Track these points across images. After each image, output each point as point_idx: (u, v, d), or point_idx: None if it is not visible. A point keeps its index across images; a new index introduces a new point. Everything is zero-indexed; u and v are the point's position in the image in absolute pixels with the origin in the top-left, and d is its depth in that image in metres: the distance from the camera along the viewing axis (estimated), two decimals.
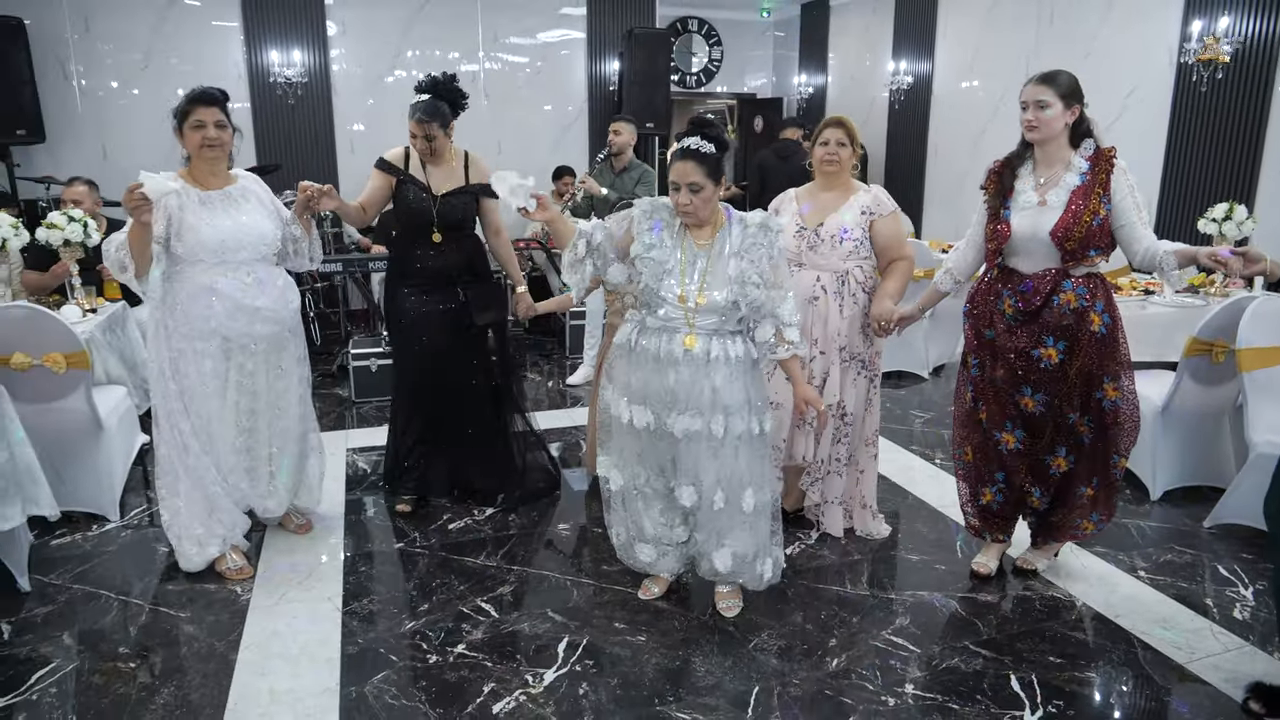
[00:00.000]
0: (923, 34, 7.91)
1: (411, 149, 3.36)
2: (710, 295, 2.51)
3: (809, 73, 9.93)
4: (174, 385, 2.94)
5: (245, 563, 3.13)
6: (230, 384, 3.00)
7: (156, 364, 2.95)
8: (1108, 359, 2.78)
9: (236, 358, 2.99)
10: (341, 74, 7.44)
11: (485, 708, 2.39)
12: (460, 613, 2.87)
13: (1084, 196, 2.70)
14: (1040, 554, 3.17)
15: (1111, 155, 2.72)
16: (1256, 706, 2.38)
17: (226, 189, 2.98)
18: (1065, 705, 2.42)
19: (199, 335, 2.91)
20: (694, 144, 2.48)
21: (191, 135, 2.89)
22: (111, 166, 6.62)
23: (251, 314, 2.95)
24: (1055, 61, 6.43)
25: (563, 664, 2.60)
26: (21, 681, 2.49)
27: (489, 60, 7.92)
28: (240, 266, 2.93)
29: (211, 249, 2.87)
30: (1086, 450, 2.89)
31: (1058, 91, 2.68)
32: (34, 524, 3.20)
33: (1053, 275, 2.77)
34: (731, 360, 2.55)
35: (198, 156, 2.92)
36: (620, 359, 2.70)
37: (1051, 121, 2.70)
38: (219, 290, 2.89)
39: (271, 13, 7.17)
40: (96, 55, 6.92)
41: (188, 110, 2.88)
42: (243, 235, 2.92)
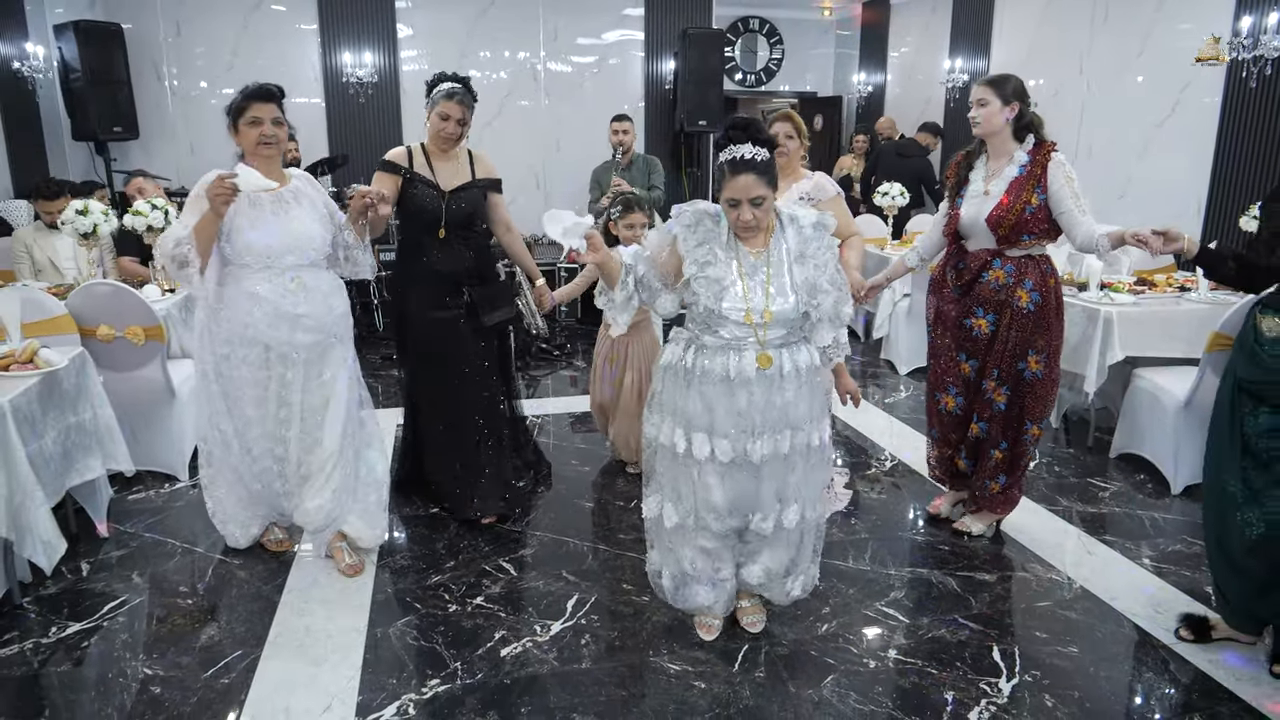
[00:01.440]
0: (979, 32, 7.88)
1: (415, 149, 3.30)
2: (778, 307, 2.30)
3: (869, 71, 9.95)
4: (217, 387, 2.93)
5: (286, 536, 3.22)
6: (270, 394, 2.93)
7: (201, 364, 2.96)
8: (1034, 333, 3.03)
9: (276, 367, 2.90)
10: (410, 74, 7.81)
11: (494, 651, 2.62)
12: (482, 570, 3.12)
13: (1020, 187, 2.98)
14: (976, 519, 3.39)
15: (1050, 150, 2.97)
16: (1186, 634, 2.67)
17: (280, 190, 2.88)
18: (1042, 675, 2.52)
19: (241, 341, 2.85)
20: (748, 153, 2.22)
21: (247, 132, 2.80)
22: (198, 162, 7.13)
23: (293, 322, 2.84)
24: (1109, 59, 6.42)
25: (569, 617, 2.81)
26: (95, 611, 2.83)
27: (550, 60, 8.20)
28: (284, 272, 2.83)
29: (257, 252, 2.79)
30: (1000, 416, 3.14)
31: (997, 91, 3.02)
32: (113, 480, 3.56)
33: (986, 255, 3.06)
34: (801, 372, 2.37)
35: (253, 154, 2.82)
36: (672, 383, 2.43)
37: (991, 117, 3.02)
38: (260, 296, 2.81)
39: (346, 16, 7.59)
40: (187, 57, 7.45)
41: (243, 106, 2.79)
42: (289, 240, 2.82)
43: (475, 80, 8.30)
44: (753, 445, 2.37)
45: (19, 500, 2.65)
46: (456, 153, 3.34)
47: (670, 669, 2.54)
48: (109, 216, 4.38)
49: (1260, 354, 2.39)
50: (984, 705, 2.39)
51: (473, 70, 7.97)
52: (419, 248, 3.32)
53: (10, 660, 2.56)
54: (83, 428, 3.13)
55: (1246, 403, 2.43)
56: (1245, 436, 2.43)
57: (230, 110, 2.83)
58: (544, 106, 8.22)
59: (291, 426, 2.96)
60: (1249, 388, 2.43)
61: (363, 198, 2.89)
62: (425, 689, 2.43)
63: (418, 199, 3.27)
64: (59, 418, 3.00)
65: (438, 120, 3.24)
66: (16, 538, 2.67)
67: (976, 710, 2.37)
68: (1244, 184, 5.35)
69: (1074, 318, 4.10)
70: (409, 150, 3.29)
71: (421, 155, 3.29)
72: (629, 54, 8.36)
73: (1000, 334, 3.08)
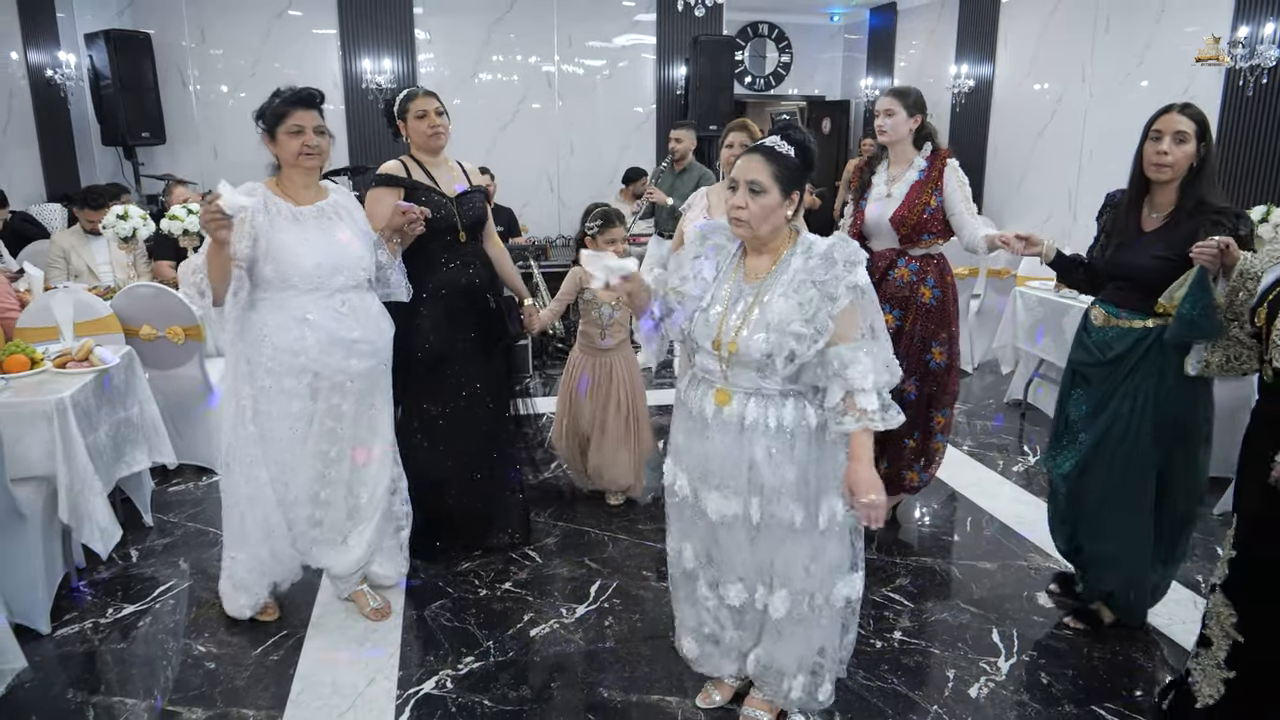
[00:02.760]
0: (985, 38, 8.03)
1: (406, 161, 3.11)
2: (744, 342, 1.98)
3: (875, 75, 10.10)
4: (254, 428, 2.60)
5: (271, 600, 2.87)
6: (314, 429, 2.64)
7: (234, 403, 2.61)
8: (937, 326, 3.27)
9: (327, 397, 2.63)
10: (427, 78, 8.00)
11: (523, 632, 2.80)
12: (508, 557, 3.29)
13: (919, 190, 3.22)
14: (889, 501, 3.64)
15: (945, 156, 3.24)
16: (1054, 587, 3.08)
17: (319, 204, 2.64)
18: (1038, 655, 2.69)
19: (288, 371, 2.56)
20: (769, 141, 2.01)
21: (288, 142, 2.54)
22: (222, 165, 7.33)
23: (347, 347, 2.61)
24: (1111, 66, 6.56)
25: (593, 601, 2.98)
26: (147, 594, 3.01)
27: (564, 64, 8.37)
28: (335, 294, 2.59)
29: (306, 273, 2.53)
30: (910, 405, 3.29)
31: (903, 103, 3.22)
32: (155, 473, 3.75)
33: (891, 254, 3.28)
34: (775, 430, 2.02)
35: (294, 165, 2.58)
36: (675, 409, 2.27)
37: (897, 126, 3.23)
38: (312, 320, 2.55)
39: (365, 22, 7.78)
40: (210, 62, 7.65)
41: (284, 113, 2.54)
42: (341, 258, 2.59)
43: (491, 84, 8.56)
44: (708, 496, 2.10)
45: (79, 489, 2.83)
46: (446, 159, 3.20)
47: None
48: (146, 221, 4.57)
49: (1086, 340, 2.71)
50: (983, 682, 2.56)
51: (487, 75, 8.17)
52: (430, 261, 3.07)
53: (72, 638, 2.74)
54: (131, 422, 3.32)
55: (1075, 381, 2.77)
56: (1066, 408, 2.80)
57: (266, 116, 2.56)
58: (557, 111, 8.40)
59: (342, 464, 2.71)
60: (1077, 368, 2.76)
61: (404, 214, 2.79)
62: (461, 665, 2.61)
63: (428, 208, 3.01)
64: (110, 412, 3.18)
65: (418, 122, 3.07)
66: (76, 525, 2.85)
67: (976, 686, 2.53)
68: (1241, 190, 5.50)
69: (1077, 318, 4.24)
70: (402, 163, 3.11)
71: (416, 165, 3.11)
72: (641, 59, 8.54)
73: (907, 329, 3.27)
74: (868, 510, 1.94)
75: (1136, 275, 2.54)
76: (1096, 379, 2.67)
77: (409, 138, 3.14)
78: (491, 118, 8.22)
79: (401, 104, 3.11)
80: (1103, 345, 2.63)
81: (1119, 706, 2.45)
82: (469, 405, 3.16)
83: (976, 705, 2.46)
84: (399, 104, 3.12)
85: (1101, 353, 2.63)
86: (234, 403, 2.61)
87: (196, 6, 7.50)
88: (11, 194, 5.73)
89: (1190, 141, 2.41)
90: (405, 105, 3.09)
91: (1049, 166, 7.39)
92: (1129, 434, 2.57)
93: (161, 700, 2.45)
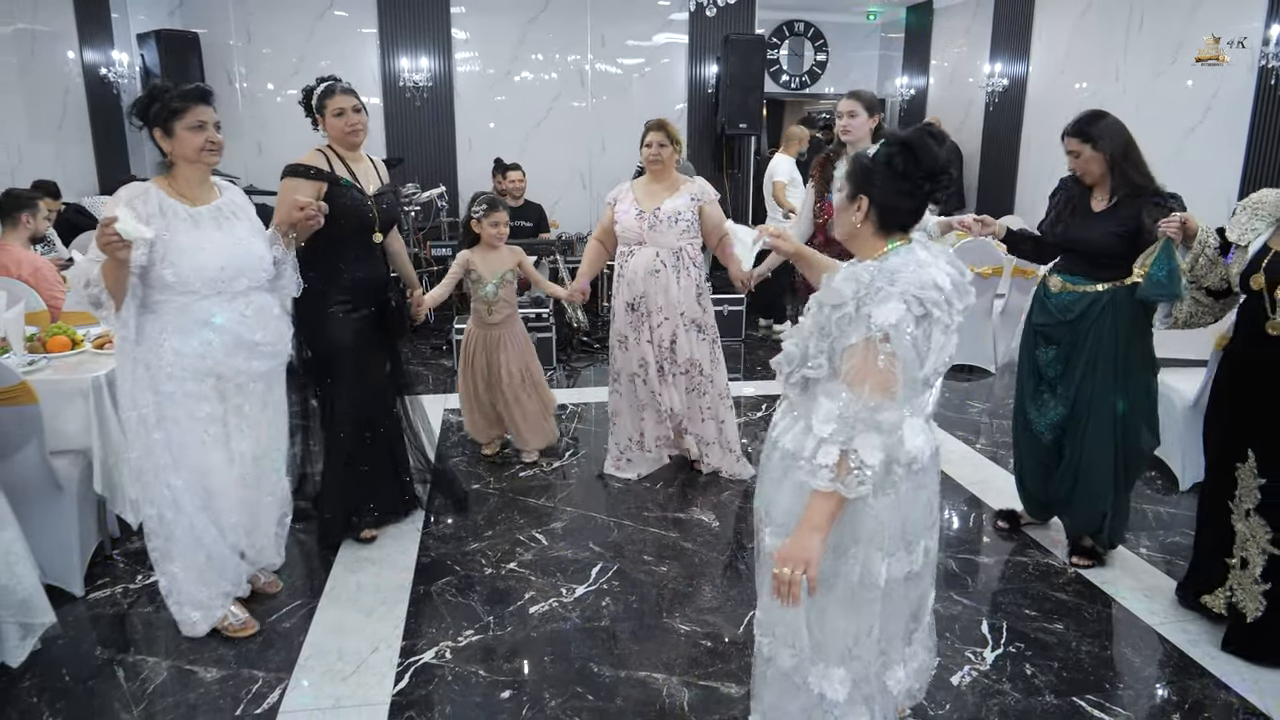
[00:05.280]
0: (1019, 37, 7.98)
1: (328, 155, 3.03)
2: (786, 345, 1.86)
3: (911, 74, 10.06)
4: (159, 435, 2.51)
5: (248, 615, 2.77)
6: (231, 429, 2.63)
7: (136, 412, 2.50)
8: None
9: (232, 398, 2.62)
10: (463, 76, 8.17)
11: (524, 609, 2.92)
12: (516, 539, 3.41)
13: None
14: None
15: None
16: (1003, 524, 3.52)
17: (215, 203, 2.56)
18: (1025, 647, 2.73)
19: (191, 375, 2.50)
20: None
21: (190, 138, 2.45)
22: (266, 161, 7.59)
23: (250, 349, 2.59)
24: (1143, 64, 6.50)
25: (593, 582, 3.09)
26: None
27: (599, 62, 8.49)
28: (238, 296, 2.55)
29: (210, 277, 2.47)
30: None
31: (864, 104, 3.48)
32: None
33: None
34: (778, 446, 1.84)
35: (195, 162, 2.50)
36: None
37: (860, 126, 3.48)
38: (216, 324, 2.50)
39: (404, 22, 7.98)
40: (256, 61, 7.92)
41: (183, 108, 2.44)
42: (243, 259, 2.53)
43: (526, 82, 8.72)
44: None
45: (112, 462, 3.01)
46: (362, 155, 3.15)
47: (680, 629, 2.80)
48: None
49: (1047, 304, 3.13)
50: (966, 670, 2.61)
51: (527, 73, 8.33)
52: (336, 257, 3.03)
53: (104, 601, 2.93)
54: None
55: (1039, 341, 3.17)
56: (1037, 364, 3.18)
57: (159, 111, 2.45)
58: (590, 109, 8.52)
59: (261, 462, 2.74)
60: (1039, 329, 3.17)
61: (301, 209, 2.69)
62: (461, 638, 2.74)
63: (348, 203, 3.00)
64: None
65: (336, 119, 3.02)
66: (109, 495, 3.04)
67: (959, 675, 2.59)
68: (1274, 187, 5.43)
69: None
70: (323, 154, 3.03)
71: (337, 159, 3.04)
72: (673, 58, 8.62)
73: None
74: (775, 584, 1.63)
75: (1091, 248, 3.01)
76: (1059, 336, 3.09)
77: (326, 132, 3.08)
78: (526, 115, 8.38)
79: (320, 99, 3.05)
80: (1063, 308, 3.07)
81: (1100, 699, 2.48)
82: (377, 393, 3.28)
83: (957, 692, 2.51)
84: (317, 99, 3.06)
85: (1063, 314, 3.07)
86: (134, 413, 2.50)
87: (243, 7, 7.77)
88: (66, 187, 6.03)
89: (1083, 151, 2.94)
90: (323, 101, 3.04)
91: None
92: (1099, 380, 3.02)
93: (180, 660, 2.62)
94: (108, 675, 2.54)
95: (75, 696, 2.45)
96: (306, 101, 3.10)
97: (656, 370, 3.86)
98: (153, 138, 2.51)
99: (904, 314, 1.61)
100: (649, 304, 3.80)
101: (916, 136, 1.73)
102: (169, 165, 2.54)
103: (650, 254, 3.77)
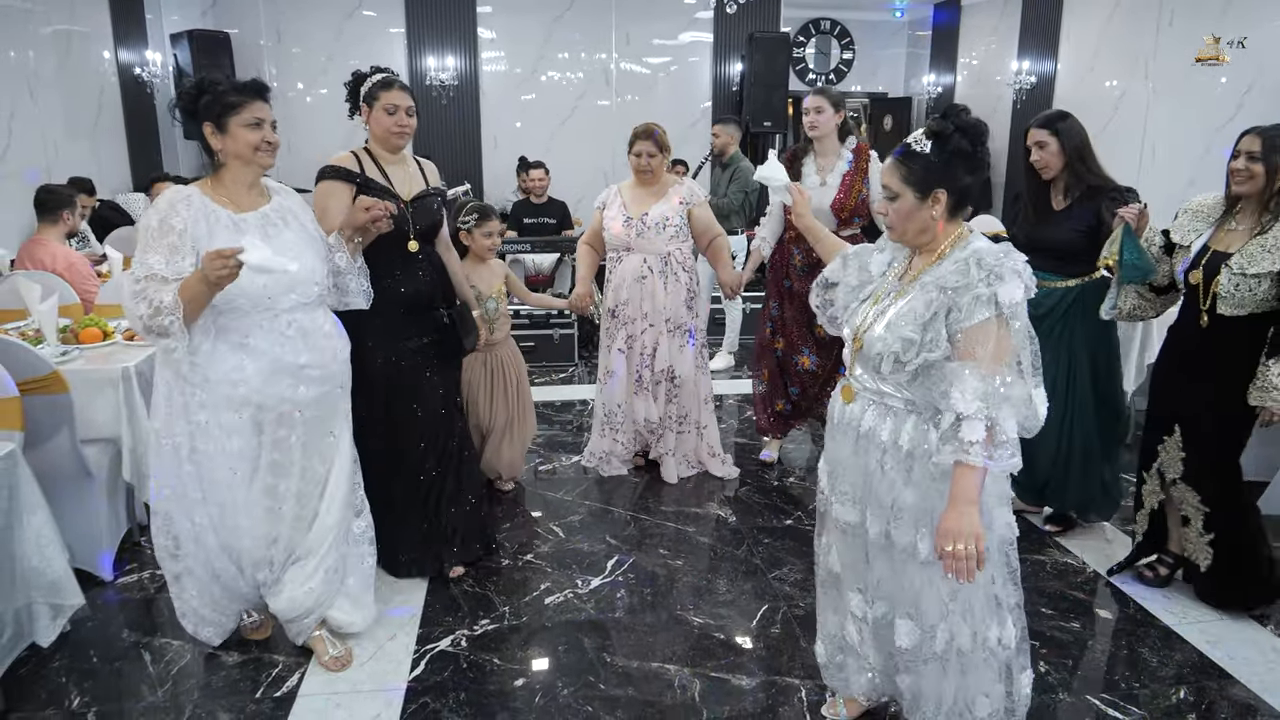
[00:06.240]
0: (1047, 34, 7.89)
1: (360, 154, 2.78)
2: (868, 337, 1.87)
3: (938, 72, 9.98)
4: (190, 468, 2.28)
5: (262, 618, 2.65)
6: (261, 465, 2.33)
7: (169, 442, 2.28)
8: None
9: (272, 431, 2.31)
10: (489, 75, 8.24)
11: (539, 599, 2.95)
12: (534, 531, 3.45)
13: (852, 180, 3.64)
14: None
15: (868, 151, 3.69)
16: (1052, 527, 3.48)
17: (263, 209, 2.30)
18: (1040, 645, 2.71)
19: (226, 405, 2.24)
20: (912, 138, 1.85)
21: (245, 135, 2.22)
22: (294, 158, 7.66)
23: (294, 374, 2.29)
24: (1173, 62, 6.41)
25: (609, 574, 3.12)
26: None
27: (623, 61, 8.53)
28: (281, 315, 2.26)
29: (253, 294, 2.19)
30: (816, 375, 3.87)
31: (830, 100, 3.62)
32: None
33: None
34: (890, 445, 1.88)
35: (249, 162, 2.26)
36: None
37: (827, 122, 3.62)
38: (252, 346, 2.23)
39: (432, 22, 8.07)
40: (286, 60, 8.05)
41: (239, 103, 2.22)
42: (290, 274, 2.20)
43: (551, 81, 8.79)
44: (834, 499, 2.03)
45: (140, 451, 3.08)
46: (404, 157, 2.89)
47: (694, 621, 2.82)
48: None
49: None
50: None
51: (554, 73, 8.38)
52: (378, 269, 2.67)
53: (132, 586, 3.01)
54: None
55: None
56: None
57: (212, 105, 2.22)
58: (615, 107, 8.55)
59: (287, 501, 2.39)
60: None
61: (367, 210, 2.45)
62: (476, 627, 2.77)
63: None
64: None
65: (384, 115, 2.75)
66: (138, 484, 3.12)
67: None
68: None
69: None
70: (355, 156, 2.78)
71: (370, 160, 2.78)
72: (698, 56, 8.63)
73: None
74: (951, 563, 1.72)
75: (1056, 246, 3.11)
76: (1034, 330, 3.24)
77: (369, 127, 2.81)
78: (551, 114, 8.44)
79: (373, 89, 2.77)
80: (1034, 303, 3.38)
81: (1115, 698, 2.47)
82: (424, 422, 2.90)
83: None
84: (370, 88, 2.77)
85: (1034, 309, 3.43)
86: (169, 443, 2.29)
87: (274, 7, 7.90)
88: (101, 185, 6.17)
89: (1049, 143, 3.05)
90: (377, 93, 2.76)
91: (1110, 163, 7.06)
92: (1075, 368, 3.18)
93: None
94: (134, 657, 2.61)
95: (102, 676, 2.52)
96: (355, 88, 2.81)
97: (634, 380, 3.80)
98: (200, 135, 2.26)
99: (1023, 292, 1.76)
100: (630, 311, 3.75)
101: (960, 116, 1.85)
102: (217, 165, 2.29)
103: (637, 260, 3.72)
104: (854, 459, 1.95)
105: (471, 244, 3.54)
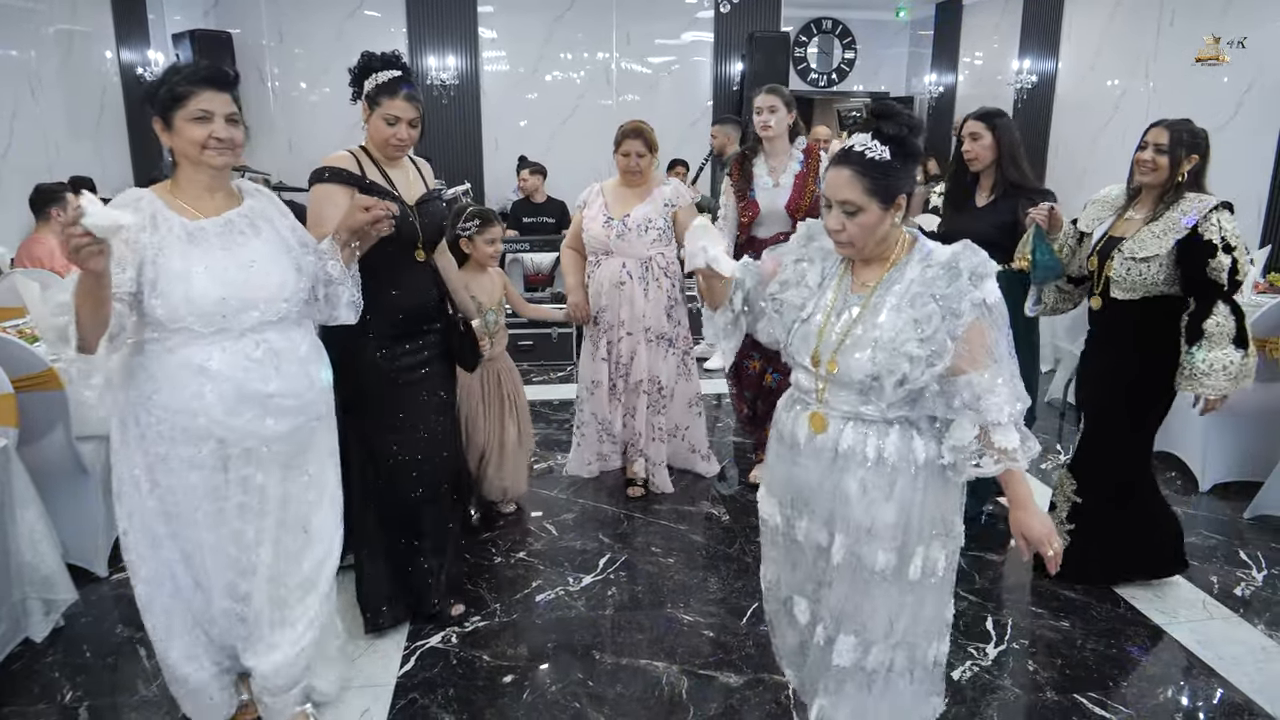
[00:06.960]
0: (1048, 34, 7.88)
1: (359, 156, 2.52)
2: (847, 360, 1.74)
3: (940, 71, 9.97)
4: (153, 502, 1.98)
5: (248, 696, 2.28)
6: (230, 506, 2.00)
7: (127, 474, 1.98)
8: None
9: (239, 468, 1.99)
10: (490, 75, 8.26)
11: (530, 597, 2.96)
12: (528, 529, 3.47)
13: (804, 179, 3.57)
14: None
15: (818, 150, 3.62)
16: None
17: (227, 215, 1.96)
18: (1029, 644, 2.72)
19: (184, 438, 1.92)
20: (859, 146, 1.71)
21: (190, 130, 1.88)
22: (296, 159, 7.71)
23: (260, 404, 1.95)
24: (1174, 62, 6.39)
25: (600, 572, 3.13)
26: None
27: (624, 60, 8.54)
28: (245, 334, 1.93)
29: (205, 311, 1.87)
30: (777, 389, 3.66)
31: (783, 99, 3.54)
32: None
33: (781, 237, 3.42)
34: (874, 461, 1.76)
35: (196, 162, 1.92)
36: (770, 432, 2.02)
37: (780, 122, 3.53)
38: (212, 371, 1.89)
39: (433, 21, 8.09)
40: (288, 59, 8.08)
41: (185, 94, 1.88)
42: (254, 289, 1.92)
43: (553, 81, 8.82)
44: (798, 521, 1.91)
45: None
46: (403, 158, 2.64)
47: (684, 619, 2.83)
48: None
49: None
50: (968, 666, 2.61)
51: (557, 72, 8.40)
52: (378, 278, 2.43)
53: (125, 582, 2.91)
54: None
55: None
56: None
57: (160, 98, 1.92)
58: (616, 107, 8.57)
59: (261, 549, 2.06)
60: None
61: (368, 210, 2.13)
62: (467, 624, 2.79)
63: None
64: None
65: (383, 125, 2.47)
66: None
67: (959, 670, 2.58)
68: None
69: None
70: (354, 156, 2.51)
71: (370, 162, 2.53)
72: (699, 56, 8.64)
73: None
74: (1054, 561, 1.75)
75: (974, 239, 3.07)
76: None
77: (366, 128, 2.53)
78: (552, 114, 8.45)
79: (375, 92, 2.47)
80: None
81: (1101, 696, 2.47)
82: (423, 443, 2.65)
83: (957, 687, 2.51)
84: (374, 89, 2.47)
85: None
86: (127, 474, 1.99)
87: (275, 7, 7.93)
88: (103, 184, 6.19)
89: (984, 136, 3.09)
90: (378, 98, 2.46)
91: (1111, 163, 7.17)
92: None
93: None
94: (128, 652, 2.63)
95: (95, 671, 2.55)
96: (359, 79, 2.51)
97: (609, 388, 3.67)
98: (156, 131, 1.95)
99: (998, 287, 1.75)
100: (609, 318, 3.58)
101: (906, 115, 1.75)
102: (174, 166, 1.98)
103: (616, 265, 3.55)
104: (829, 483, 1.82)
105: (473, 251, 3.29)
